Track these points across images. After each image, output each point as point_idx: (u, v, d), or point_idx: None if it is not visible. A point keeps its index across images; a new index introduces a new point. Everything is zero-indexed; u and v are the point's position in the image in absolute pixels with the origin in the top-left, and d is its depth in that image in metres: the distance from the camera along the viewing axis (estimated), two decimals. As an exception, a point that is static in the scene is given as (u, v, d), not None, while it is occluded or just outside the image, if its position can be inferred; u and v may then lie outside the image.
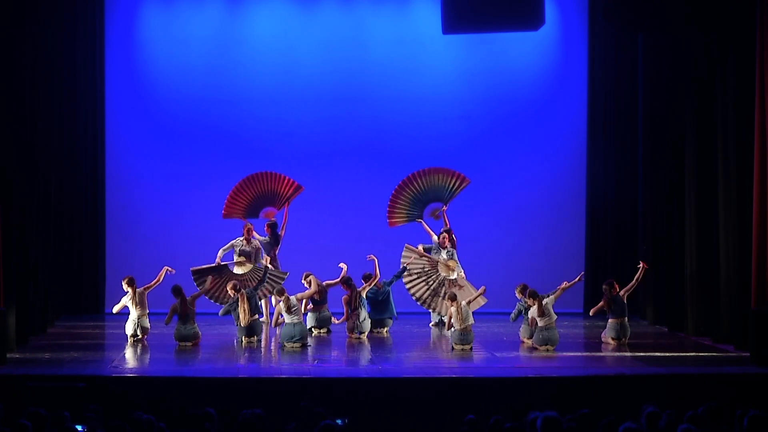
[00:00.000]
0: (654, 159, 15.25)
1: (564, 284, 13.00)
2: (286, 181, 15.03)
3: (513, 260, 15.05)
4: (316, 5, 16.77)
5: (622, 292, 13.08)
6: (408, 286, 14.51)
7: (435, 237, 14.80)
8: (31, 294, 13.28)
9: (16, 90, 12.74)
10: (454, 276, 14.49)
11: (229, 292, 13.10)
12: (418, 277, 14.48)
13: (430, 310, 14.61)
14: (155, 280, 13.28)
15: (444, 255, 14.61)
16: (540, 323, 12.52)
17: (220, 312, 13.16)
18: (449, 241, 14.65)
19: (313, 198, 16.45)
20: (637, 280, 13.28)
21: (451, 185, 15.01)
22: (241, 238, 14.63)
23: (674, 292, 14.47)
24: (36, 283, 13.62)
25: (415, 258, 14.55)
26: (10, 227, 12.08)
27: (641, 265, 13.38)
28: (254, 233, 14.71)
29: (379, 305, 13.98)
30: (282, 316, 12.72)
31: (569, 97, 16.85)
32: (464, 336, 12.50)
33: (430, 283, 14.47)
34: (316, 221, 16.12)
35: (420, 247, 14.67)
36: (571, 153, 16.83)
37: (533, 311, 12.62)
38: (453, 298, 12.72)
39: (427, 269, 14.51)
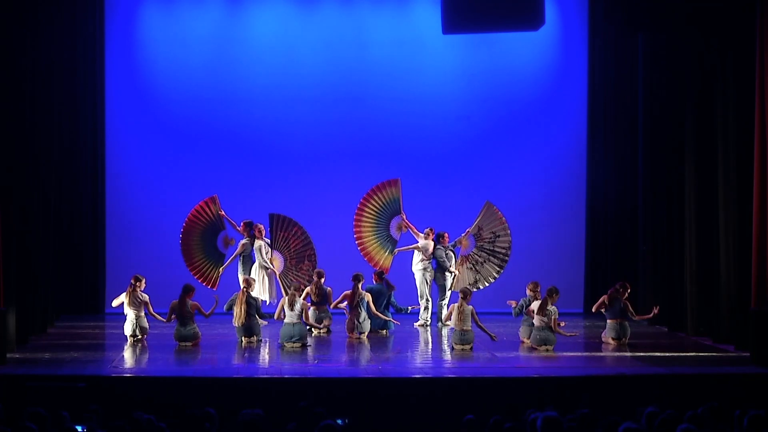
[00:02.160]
0: (654, 159, 15.26)
1: (562, 327, 12.92)
2: (203, 209, 14.88)
3: (513, 260, 15.03)
4: (316, 5, 16.77)
5: (629, 306, 13.07)
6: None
7: (420, 244, 14.77)
8: (31, 294, 13.27)
9: (16, 90, 12.73)
10: (467, 237, 14.68)
11: (241, 284, 13.10)
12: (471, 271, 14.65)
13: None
14: (158, 316, 13.12)
15: (450, 252, 14.64)
16: (536, 323, 12.52)
17: (225, 306, 13.14)
18: (433, 237, 14.70)
19: (312, 198, 16.48)
20: (635, 314, 13.25)
21: (392, 195, 14.98)
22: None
23: (674, 292, 14.47)
24: (36, 283, 13.60)
25: (461, 278, 14.59)
26: (11, 228, 12.07)
27: (655, 310, 13.42)
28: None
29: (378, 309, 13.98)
30: (284, 312, 12.75)
31: (569, 97, 16.85)
32: (464, 336, 12.50)
33: (480, 259, 14.51)
34: (316, 221, 16.08)
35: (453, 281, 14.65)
36: (571, 153, 16.84)
37: (537, 304, 12.57)
38: (465, 295, 12.67)
39: (470, 266, 14.58)
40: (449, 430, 8.99)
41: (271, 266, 14.46)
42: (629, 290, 13.18)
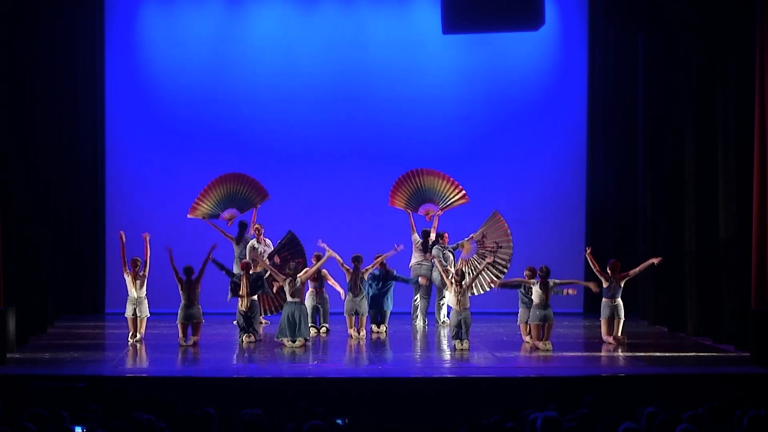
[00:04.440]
0: (654, 159, 15.26)
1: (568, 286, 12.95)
2: (254, 186, 14.89)
3: (513, 260, 15.02)
4: (316, 5, 16.77)
5: (623, 276, 13.06)
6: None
7: (417, 236, 14.75)
8: (31, 294, 13.28)
9: (16, 90, 12.73)
10: (470, 242, 14.59)
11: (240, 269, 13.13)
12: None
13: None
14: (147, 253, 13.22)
15: (448, 253, 14.58)
16: (536, 300, 12.50)
17: (229, 296, 13.17)
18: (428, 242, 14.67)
19: (312, 198, 16.47)
20: (641, 269, 13.22)
21: (451, 195, 14.99)
22: (254, 240, 14.59)
23: (674, 292, 14.47)
24: (36, 283, 13.61)
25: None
26: (10, 227, 12.08)
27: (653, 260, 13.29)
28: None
29: (378, 297, 14.00)
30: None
31: (569, 97, 16.85)
32: (462, 315, 12.39)
33: (479, 267, 14.46)
34: (315, 221, 16.10)
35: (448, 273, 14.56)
36: (571, 153, 16.83)
37: (536, 292, 12.56)
38: (460, 281, 12.60)
39: (468, 272, 14.52)
40: (449, 430, 8.98)
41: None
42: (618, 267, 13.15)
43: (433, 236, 14.74)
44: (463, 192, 15.04)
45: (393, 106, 16.71)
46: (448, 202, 15.05)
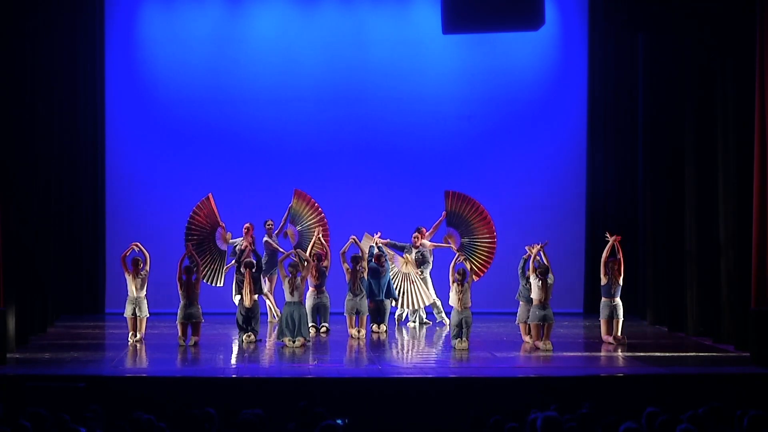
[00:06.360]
0: (654, 159, 15.26)
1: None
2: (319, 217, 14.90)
3: (512, 260, 15.01)
4: (316, 5, 16.77)
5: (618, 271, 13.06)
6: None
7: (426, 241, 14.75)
8: (31, 294, 13.28)
9: (16, 90, 12.74)
10: (409, 271, 14.39)
11: (241, 269, 13.15)
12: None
13: (409, 307, 14.53)
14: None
15: (414, 254, 14.52)
16: (535, 300, 12.48)
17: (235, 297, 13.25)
18: (420, 244, 14.58)
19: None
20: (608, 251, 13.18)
21: (481, 254, 14.77)
22: (241, 239, 14.57)
23: (674, 292, 14.47)
24: (36, 283, 13.61)
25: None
26: (10, 227, 12.07)
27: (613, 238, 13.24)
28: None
29: (382, 289, 14.07)
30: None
31: (569, 97, 16.85)
32: (463, 314, 12.39)
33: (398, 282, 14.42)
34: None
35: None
36: (571, 153, 16.83)
37: (536, 291, 12.55)
38: (461, 280, 12.57)
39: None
40: (449, 430, 8.99)
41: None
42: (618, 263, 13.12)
43: (423, 241, 14.65)
44: (485, 266, 14.73)
45: (393, 106, 16.72)
46: (472, 250, 14.72)
